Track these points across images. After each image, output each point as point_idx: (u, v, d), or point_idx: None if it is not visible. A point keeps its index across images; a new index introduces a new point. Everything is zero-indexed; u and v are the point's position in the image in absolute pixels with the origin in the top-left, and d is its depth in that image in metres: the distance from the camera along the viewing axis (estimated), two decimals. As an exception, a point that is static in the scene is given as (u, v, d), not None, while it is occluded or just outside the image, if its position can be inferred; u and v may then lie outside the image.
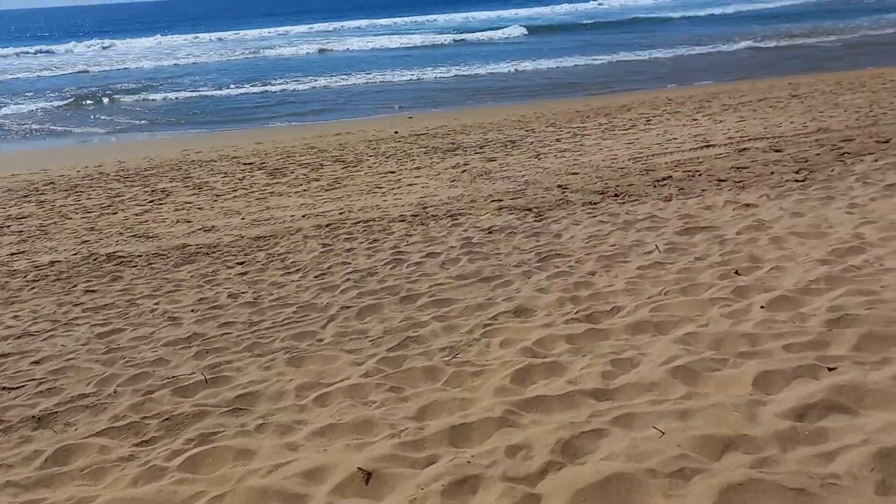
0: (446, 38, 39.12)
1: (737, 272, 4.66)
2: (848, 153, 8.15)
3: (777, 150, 8.87)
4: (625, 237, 5.91)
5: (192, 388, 4.08)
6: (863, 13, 35.27)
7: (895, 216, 5.36)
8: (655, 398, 3.20)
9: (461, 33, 41.17)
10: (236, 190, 10.28)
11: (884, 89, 13.20)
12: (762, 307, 3.97)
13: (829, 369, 3.14)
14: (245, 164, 12.12)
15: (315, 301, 5.37)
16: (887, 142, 8.49)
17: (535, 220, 6.93)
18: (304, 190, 9.91)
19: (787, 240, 5.21)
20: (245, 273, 6.45)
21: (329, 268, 6.24)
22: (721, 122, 11.74)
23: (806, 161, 8.06)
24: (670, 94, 16.88)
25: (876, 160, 7.56)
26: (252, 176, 11.13)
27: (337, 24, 56.55)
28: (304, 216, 8.43)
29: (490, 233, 6.66)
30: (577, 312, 4.34)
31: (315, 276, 6.04)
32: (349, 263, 6.28)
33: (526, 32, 39.26)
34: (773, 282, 4.38)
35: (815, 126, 10.21)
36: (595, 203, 7.34)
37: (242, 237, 7.78)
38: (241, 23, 71.44)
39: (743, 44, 26.06)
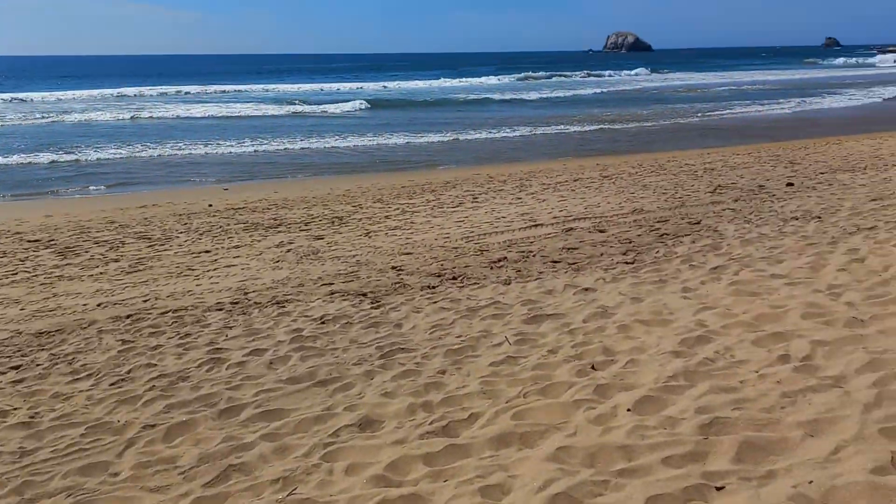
0: (280, 110, 37.98)
1: (593, 367, 4.39)
2: (666, 234, 8.50)
3: (601, 231, 9.10)
4: (470, 326, 5.53)
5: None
6: (659, 102, 39.34)
7: (728, 301, 5.44)
8: (535, 536, 2.73)
9: (298, 105, 40.25)
10: (16, 273, 8.77)
11: (682, 172, 14.33)
12: (629, 410, 3.69)
13: (718, 489, 2.84)
14: (29, 241, 10.52)
15: (110, 418, 4.40)
16: (698, 223, 8.99)
17: (371, 307, 6.39)
18: (101, 273, 8.66)
19: (634, 328, 5.08)
20: (20, 381, 5.26)
21: (129, 372, 5.24)
22: (543, 200, 12.04)
23: (630, 242, 8.27)
24: (491, 171, 17.31)
25: (693, 242, 7.90)
26: (37, 256, 9.62)
27: (160, 90, 53.17)
28: (99, 305, 7.26)
29: (323, 323, 6.01)
30: (431, 423, 3.82)
31: (111, 384, 5.02)
32: (155, 366, 5.32)
33: (368, 106, 39.32)
34: (631, 378, 4.15)
35: (631, 207, 10.70)
36: (434, 287, 6.96)
37: (20, 333, 6.49)
38: (41, 84, 65.35)
39: (557, 127, 27.75)
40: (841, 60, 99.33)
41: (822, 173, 12.58)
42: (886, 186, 10.43)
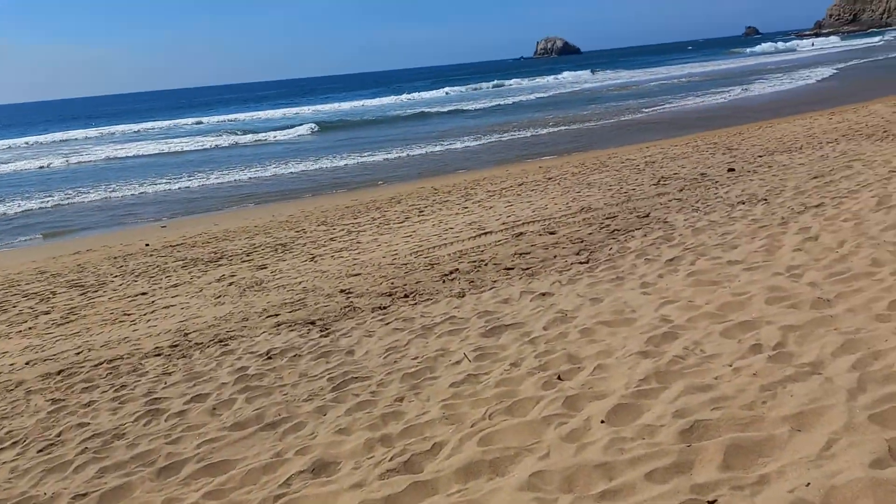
0: (222, 140, 36.89)
1: (560, 377, 4.13)
2: (617, 230, 8.35)
3: (551, 233, 8.90)
4: (426, 346, 5.22)
5: None
6: (595, 102, 39.74)
7: (689, 293, 5.26)
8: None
9: (241, 135, 39.09)
10: (-65, 337, 8.13)
11: (624, 167, 14.31)
12: (602, 421, 3.43)
13: (710, 503, 2.59)
14: (-50, 301, 9.83)
15: (36, 492, 3.95)
16: (647, 216, 8.88)
17: (321, 336, 6.02)
18: (30, 328, 8.08)
19: (597, 330, 4.85)
20: (-66, 459, 4.74)
21: (59, 435, 4.78)
22: (490, 207, 11.83)
23: (582, 241, 8.09)
24: (436, 183, 17.07)
25: (645, 235, 7.76)
26: (-41, 316, 8.97)
27: (91, 132, 51.15)
28: (28, 363, 6.72)
29: (269, 358, 5.63)
30: (391, 459, 3.49)
31: (38, 451, 4.56)
32: (88, 424, 4.87)
33: (317, 129, 38.65)
34: (601, 385, 3.90)
35: (578, 206, 10.55)
36: (385, 307, 6.63)
37: (-63, 403, 5.93)
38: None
39: (500, 134, 27.60)
40: (767, 45, 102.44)
41: (760, 156, 12.67)
42: (825, 164, 10.51)
